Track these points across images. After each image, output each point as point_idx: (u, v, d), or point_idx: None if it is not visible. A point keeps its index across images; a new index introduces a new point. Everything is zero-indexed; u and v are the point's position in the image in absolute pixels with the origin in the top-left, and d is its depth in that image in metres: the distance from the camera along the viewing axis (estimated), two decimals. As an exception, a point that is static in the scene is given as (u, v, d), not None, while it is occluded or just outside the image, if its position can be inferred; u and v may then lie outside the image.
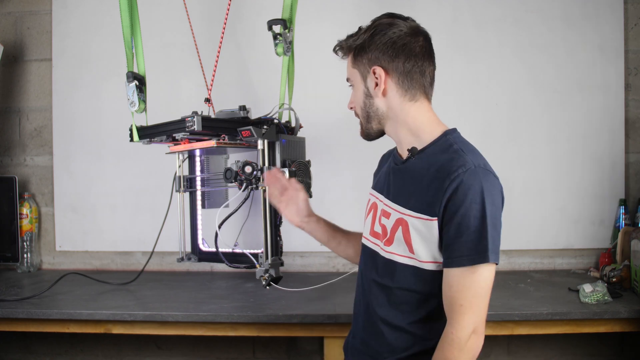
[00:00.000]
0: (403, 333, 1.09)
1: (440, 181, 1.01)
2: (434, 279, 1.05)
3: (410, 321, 1.08)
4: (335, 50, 1.18)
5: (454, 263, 1.00)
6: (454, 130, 1.11)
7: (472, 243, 0.98)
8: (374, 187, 1.24)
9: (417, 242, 1.05)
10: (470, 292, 0.98)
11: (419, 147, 1.10)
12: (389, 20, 1.11)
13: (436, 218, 1.01)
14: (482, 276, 0.98)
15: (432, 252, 1.04)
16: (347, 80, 1.19)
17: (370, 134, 1.17)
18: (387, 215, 1.13)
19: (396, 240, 1.08)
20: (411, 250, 1.06)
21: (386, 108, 1.12)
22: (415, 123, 1.11)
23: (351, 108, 1.20)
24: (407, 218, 1.06)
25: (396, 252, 1.09)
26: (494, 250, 0.98)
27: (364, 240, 1.22)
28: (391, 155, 1.22)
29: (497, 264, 1.00)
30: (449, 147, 1.06)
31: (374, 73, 1.10)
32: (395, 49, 1.08)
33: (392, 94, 1.10)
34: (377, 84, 1.10)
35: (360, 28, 1.14)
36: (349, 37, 1.15)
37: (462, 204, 0.98)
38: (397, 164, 1.16)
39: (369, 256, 1.18)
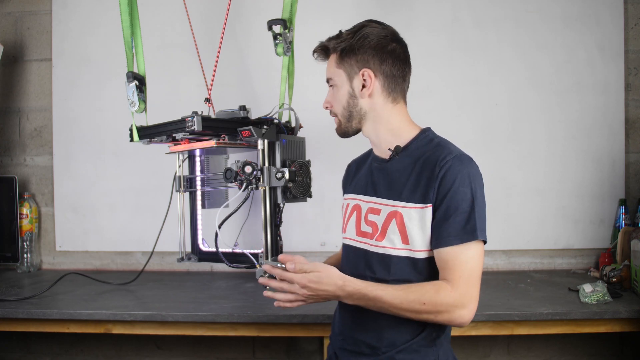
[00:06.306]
0: (403, 326, 1.10)
1: (430, 170, 1.08)
2: (430, 268, 1.09)
3: None
4: (318, 50, 1.21)
5: (445, 242, 1.05)
6: (430, 129, 1.19)
7: (462, 223, 1.04)
8: (353, 191, 1.27)
9: (414, 231, 1.09)
10: (463, 267, 1.03)
11: (400, 145, 1.16)
12: (374, 25, 1.16)
13: (430, 204, 1.07)
14: (471, 252, 1.04)
15: (427, 240, 1.08)
16: (328, 80, 1.22)
17: (348, 132, 1.22)
18: (376, 211, 1.15)
19: (389, 233, 1.12)
20: (406, 240, 1.09)
21: (369, 109, 1.18)
22: (396, 124, 1.18)
23: (326, 107, 1.24)
24: (401, 210, 1.10)
25: (389, 246, 1.12)
26: (482, 229, 1.05)
27: (349, 242, 1.23)
28: (369, 159, 1.27)
29: (485, 242, 1.06)
30: (431, 142, 1.15)
31: (363, 75, 1.15)
32: (384, 53, 1.15)
33: (377, 96, 1.17)
34: (364, 86, 1.16)
35: (341, 31, 1.19)
36: (332, 39, 1.19)
37: (451, 187, 1.05)
38: (379, 163, 1.20)
39: (359, 256, 1.18)
